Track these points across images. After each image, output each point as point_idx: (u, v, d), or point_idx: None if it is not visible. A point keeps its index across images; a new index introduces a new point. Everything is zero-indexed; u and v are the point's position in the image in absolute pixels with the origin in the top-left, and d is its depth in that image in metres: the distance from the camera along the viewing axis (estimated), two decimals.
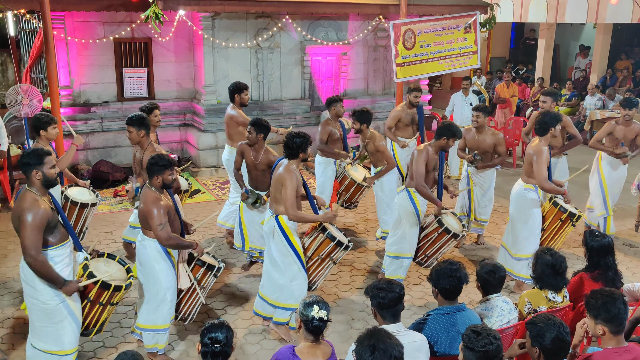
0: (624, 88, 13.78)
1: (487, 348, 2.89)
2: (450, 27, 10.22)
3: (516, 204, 5.96)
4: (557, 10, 13.98)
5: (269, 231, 5.01)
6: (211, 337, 3.02)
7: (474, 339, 2.93)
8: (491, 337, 2.93)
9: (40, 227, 3.90)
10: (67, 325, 4.15)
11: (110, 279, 4.28)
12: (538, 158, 5.64)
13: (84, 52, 9.63)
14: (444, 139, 5.55)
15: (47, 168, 4.01)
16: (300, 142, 4.89)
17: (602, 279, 4.27)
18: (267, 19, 10.15)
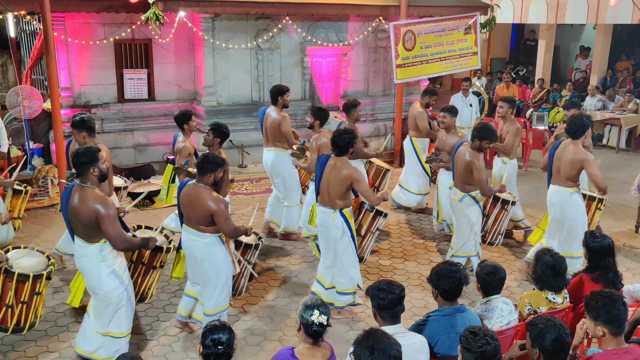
0: (624, 89, 13.77)
1: (485, 349, 2.89)
2: (451, 28, 10.23)
3: (566, 210, 5.93)
4: (557, 11, 13.98)
5: (333, 226, 5.22)
6: (213, 339, 3.01)
7: (471, 339, 2.93)
8: (488, 338, 2.93)
9: (116, 215, 4.28)
10: (126, 309, 4.50)
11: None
12: (592, 163, 5.75)
13: (85, 53, 9.64)
14: (477, 140, 5.87)
15: (101, 164, 4.32)
16: (349, 139, 5.16)
17: (602, 280, 4.26)
18: (267, 20, 10.16)
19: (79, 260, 4.43)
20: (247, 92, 10.36)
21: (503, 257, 6.92)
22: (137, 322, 5.23)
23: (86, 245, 4.31)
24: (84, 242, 4.32)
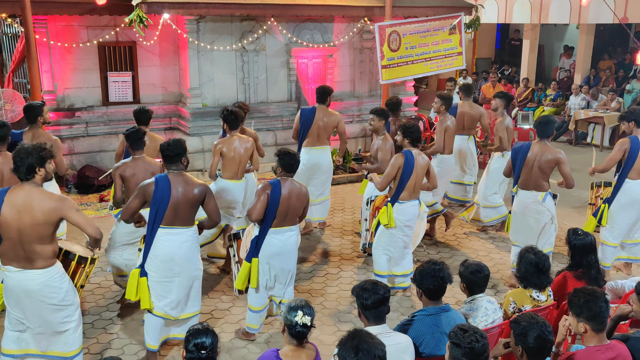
0: (607, 88, 13.92)
1: (474, 345, 2.91)
2: (435, 29, 10.28)
3: (543, 215, 5.95)
4: (541, 11, 14.09)
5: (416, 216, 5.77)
6: (196, 344, 3.00)
7: (460, 335, 2.96)
8: (478, 335, 2.95)
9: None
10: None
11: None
12: (566, 161, 5.84)
13: (68, 56, 9.56)
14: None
15: (187, 154, 4.65)
16: (416, 130, 5.62)
17: (585, 277, 4.31)
18: (252, 22, 10.14)
19: (176, 249, 4.50)
20: (232, 93, 10.33)
21: (489, 257, 6.96)
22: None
23: (186, 230, 4.54)
24: (184, 228, 4.53)
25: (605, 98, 12.91)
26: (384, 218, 5.64)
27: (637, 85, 13.38)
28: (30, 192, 3.91)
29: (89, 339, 5.04)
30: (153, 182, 4.48)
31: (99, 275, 6.26)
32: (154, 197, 4.44)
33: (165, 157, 4.57)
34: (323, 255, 6.97)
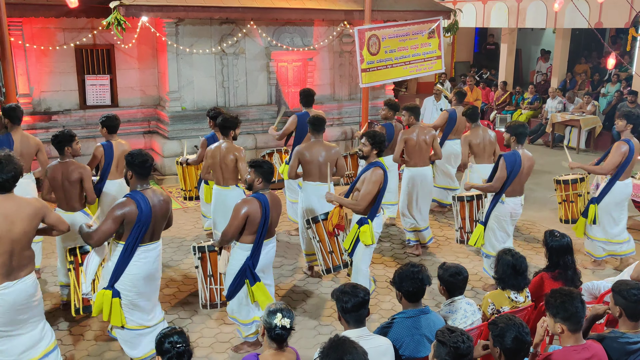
0: (582, 91, 14.15)
1: (459, 345, 2.93)
2: (414, 33, 10.36)
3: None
4: (518, 16, 14.29)
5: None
6: (170, 341, 3.00)
7: (447, 334, 2.99)
8: (464, 337, 2.99)
9: None
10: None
11: None
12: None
13: (44, 59, 9.44)
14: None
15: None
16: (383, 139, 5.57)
17: (562, 278, 4.36)
18: (232, 25, 10.11)
19: (152, 264, 4.45)
20: (212, 97, 10.29)
21: (468, 259, 7.01)
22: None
23: (159, 243, 4.52)
24: (157, 242, 4.49)
25: (581, 101, 13.12)
26: (367, 238, 5.32)
27: (612, 89, 13.62)
28: (15, 200, 3.90)
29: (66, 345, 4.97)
30: (132, 204, 4.20)
31: None
32: (138, 220, 4.21)
33: (140, 174, 4.32)
34: (303, 259, 6.95)
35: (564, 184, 7.15)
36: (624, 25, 11.93)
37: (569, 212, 7.18)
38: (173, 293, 6.03)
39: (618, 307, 3.52)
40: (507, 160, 5.68)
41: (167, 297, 5.89)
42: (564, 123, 12.82)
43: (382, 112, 7.72)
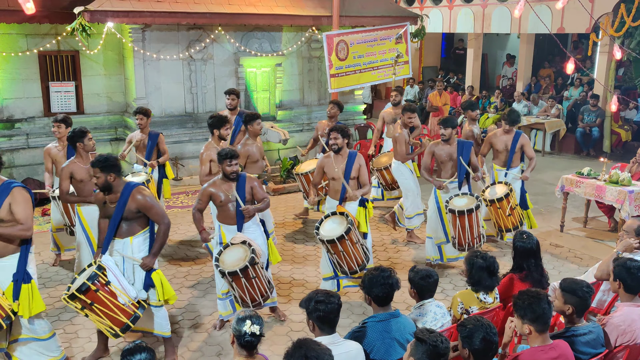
0: (547, 95, 14.45)
1: (438, 344, 2.96)
2: (382, 38, 10.45)
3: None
4: (484, 21, 14.54)
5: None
6: None
7: (426, 332, 3.03)
8: (443, 338, 3.03)
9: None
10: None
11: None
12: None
13: (6, 65, 9.23)
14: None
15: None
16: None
17: (529, 279, 4.43)
18: (200, 31, 10.04)
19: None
20: (180, 103, 10.20)
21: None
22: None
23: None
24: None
25: (546, 105, 13.40)
26: (370, 212, 5.96)
27: (574, 93, 13.95)
28: None
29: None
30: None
31: None
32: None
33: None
34: (274, 267, 6.93)
35: (498, 201, 6.65)
36: (585, 30, 12.24)
37: (509, 221, 6.78)
38: None
39: (569, 305, 3.60)
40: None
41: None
42: (529, 126, 13.08)
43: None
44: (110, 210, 4.59)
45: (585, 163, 10.51)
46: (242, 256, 4.88)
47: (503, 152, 7.18)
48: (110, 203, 4.60)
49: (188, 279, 6.49)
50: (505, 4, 13.91)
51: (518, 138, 7.13)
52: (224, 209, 5.21)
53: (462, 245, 6.27)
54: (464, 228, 6.16)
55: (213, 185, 5.18)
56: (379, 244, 7.48)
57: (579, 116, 12.75)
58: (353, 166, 5.85)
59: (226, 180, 5.13)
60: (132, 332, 4.71)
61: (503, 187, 6.80)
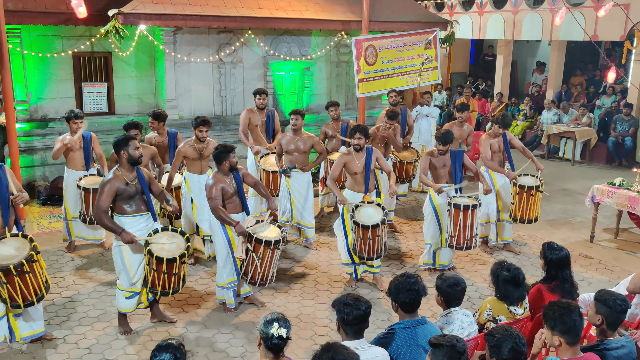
0: (578, 103, 14.22)
1: (454, 343, 3.00)
2: (411, 43, 10.40)
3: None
4: (514, 28, 14.39)
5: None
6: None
7: (439, 338, 3.07)
8: (457, 337, 3.06)
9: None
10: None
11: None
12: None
13: (41, 66, 9.43)
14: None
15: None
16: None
17: (559, 290, 4.36)
18: (230, 34, 10.14)
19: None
20: (209, 105, 10.30)
21: (464, 269, 7.01)
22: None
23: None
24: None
25: (577, 113, 13.19)
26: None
27: (607, 101, 13.70)
28: None
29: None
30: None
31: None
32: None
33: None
34: (299, 269, 6.95)
35: (536, 189, 7.13)
36: (619, 38, 12.02)
37: (528, 212, 7.20)
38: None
39: (600, 316, 3.53)
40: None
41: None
42: (559, 135, 12.88)
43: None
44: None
45: (617, 173, 10.31)
46: (275, 230, 5.61)
47: (498, 153, 7.41)
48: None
49: (214, 279, 6.54)
50: (537, 11, 13.75)
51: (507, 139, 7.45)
52: (231, 200, 5.64)
53: (460, 244, 6.48)
54: (465, 225, 6.38)
55: (220, 181, 5.55)
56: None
57: (612, 125, 12.51)
58: (371, 160, 6.39)
59: (228, 173, 5.62)
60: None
61: (534, 179, 7.22)
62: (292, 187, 7.32)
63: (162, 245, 5.07)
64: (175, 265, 5.02)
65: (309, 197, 7.39)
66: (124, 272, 5.21)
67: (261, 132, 7.99)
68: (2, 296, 4.66)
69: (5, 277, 4.53)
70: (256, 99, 8.04)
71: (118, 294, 5.28)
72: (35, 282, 4.72)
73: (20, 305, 4.69)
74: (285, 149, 7.30)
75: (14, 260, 4.56)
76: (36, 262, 4.73)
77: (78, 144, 6.88)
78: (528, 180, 7.21)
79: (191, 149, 6.66)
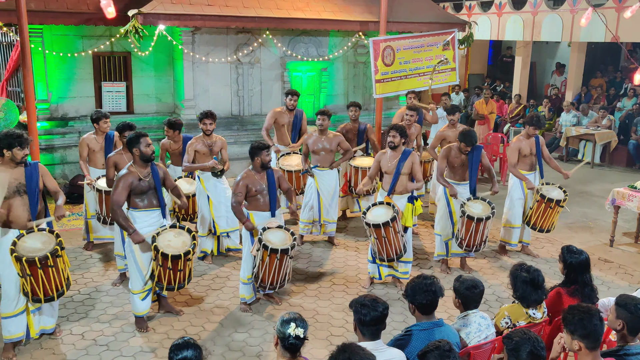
0: (598, 105, 14.05)
1: (437, 345, 3.10)
2: (429, 44, 10.35)
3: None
4: (533, 29, 14.26)
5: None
6: (179, 359, 2.98)
7: (423, 348, 3.15)
8: (439, 340, 3.18)
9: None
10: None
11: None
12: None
13: (62, 65, 9.56)
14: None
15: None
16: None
17: (579, 294, 4.31)
18: (248, 35, 10.18)
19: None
20: (227, 105, 10.35)
21: (482, 271, 6.96)
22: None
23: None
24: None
25: (597, 115, 13.03)
26: (410, 220, 6.32)
27: (627, 103, 13.52)
28: None
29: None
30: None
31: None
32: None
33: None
34: (315, 269, 6.95)
35: (556, 203, 6.95)
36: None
37: (542, 222, 7.08)
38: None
39: (620, 321, 3.48)
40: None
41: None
42: (578, 137, 12.74)
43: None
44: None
45: (637, 176, 10.19)
46: (286, 237, 5.54)
47: (529, 157, 7.24)
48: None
49: (230, 278, 6.57)
50: (557, 11, 13.61)
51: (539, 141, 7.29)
52: (256, 198, 5.70)
53: (469, 246, 6.52)
54: (477, 232, 6.42)
55: (246, 178, 5.64)
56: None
57: (632, 128, 12.34)
58: (405, 163, 6.28)
59: (260, 170, 5.70)
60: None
61: (560, 191, 7.04)
62: (321, 185, 7.36)
63: (168, 242, 5.15)
64: (180, 262, 5.12)
65: (335, 194, 7.47)
66: (137, 273, 5.28)
67: (287, 131, 8.02)
68: (25, 289, 4.74)
69: (30, 268, 4.61)
70: (287, 100, 8.13)
71: (133, 298, 5.35)
72: (58, 277, 4.79)
73: (41, 299, 4.77)
74: (312, 149, 7.34)
75: (39, 253, 4.64)
76: (60, 258, 4.80)
77: (100, 144, 6.92)
78: (553, 192, 7.03)
79: (201, 143, 6.76)
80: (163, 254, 5.04)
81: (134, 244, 5.19)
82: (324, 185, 7.38)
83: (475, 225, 6.33)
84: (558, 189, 7.09)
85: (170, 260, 5.07)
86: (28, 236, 4.75)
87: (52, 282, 4.74)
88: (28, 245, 4.68)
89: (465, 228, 6.41)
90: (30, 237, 4.75)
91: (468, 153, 6.63)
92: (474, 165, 6.68)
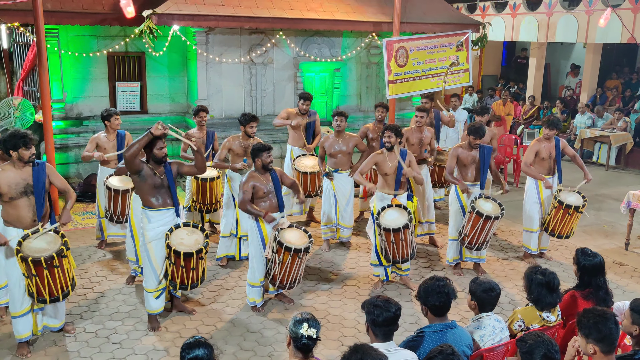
0: (613, 107, 13.91)
1: (439, 349, 3.09)
2: (443, 45, 10.30)
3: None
4: (548, 30, 14.15)
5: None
6: (190, 358, 2.99)
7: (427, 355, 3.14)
8: (441, 345, 3.15)
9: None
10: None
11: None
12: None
13: (77, 65, 9.64)
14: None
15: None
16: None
17: (593, 297, 4.27)
18: (261, 35, 10.20)
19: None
20: (239, 106, 10.38)
21: (494, 274, 6.92)
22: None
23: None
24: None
25: (612, 117, 12.90)
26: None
27: None
28: None
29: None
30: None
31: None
32: None
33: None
34: (326, 270, 6.95)
35: (575, 209, 6.83)
36: None
37: (561, 228, 6.96)
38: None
39: (636, 326, 3.44)
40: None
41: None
42: (593, 139, 12.62)
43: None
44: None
45: None
46: (302, 235, 5.64)
47: (547, 160, 7.12)
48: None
49: (242, 278, 6.59)
50: (572, 12, 13.50)
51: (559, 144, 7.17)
52: (265, 200, 5.71)
53: (471, 244, 6.52)
54: (482, 230, 6.38)
55: (253, 178, 5.66)
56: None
57: None
58: (405, 162, 6.35)
59: (263, 172, 5.71)
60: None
61: (579, 197, 6.93)
62: (337, 188, 7.36)
63: (181, 240, 5.18)
64: (193, 260, 5.14)
65: (351, 198, 7.44)
66: (151, 272, 5.31)
67: (302, 132, 8.07)
68: (30, 290, 4.77)
69: (35, 269, 4.65)
70: (300, 103, 8.11)
71: (147, 296, 5.38)
72: (63, 277, 4.82)
73: (46, 300, 4.81)
74: (329, 151, 7.31)
75: (45, 253, 4.67)
76: (65, 258, 4.84)
77: (112, 143, 6.99)
78: (571, 198, 6.88)
79: (237, 143, 6.77)
80: (175, 251, 5.08)
81: (150, 242, 5.23)
82: (339, 188, 7.36)
83: (482, 223, 6.31)
84: (576, 194, 6.94)
85: (182, 258, 5.09)
86: (33, 236, 4.77)
87: (58, 282, 4.78)
88: (33, 245, 4.71)
89: (472, 224, 6.39)
90: (36, 238, 4.78)
91: (479, 153, 6.60)
92: (485, 165, 6.65)
